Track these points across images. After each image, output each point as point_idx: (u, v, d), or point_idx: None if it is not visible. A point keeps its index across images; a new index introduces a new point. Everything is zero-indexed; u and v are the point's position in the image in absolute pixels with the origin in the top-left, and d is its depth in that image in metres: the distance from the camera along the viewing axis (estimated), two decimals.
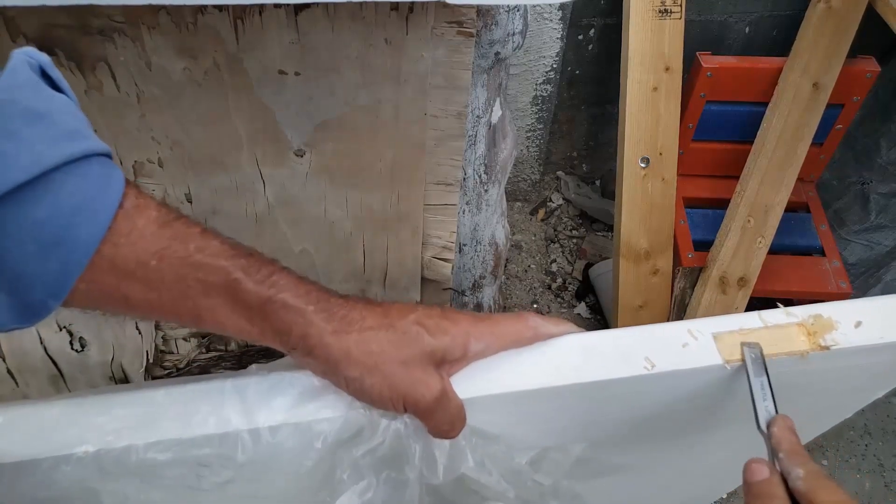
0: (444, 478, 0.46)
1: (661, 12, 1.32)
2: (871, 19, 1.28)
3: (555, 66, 1.56)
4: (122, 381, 0.86)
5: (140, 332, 0.83)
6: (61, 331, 0.80)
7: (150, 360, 0.86)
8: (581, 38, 1.54)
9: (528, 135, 1.72)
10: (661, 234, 1.36)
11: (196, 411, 0.44)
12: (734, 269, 1.31)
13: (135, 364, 0.86)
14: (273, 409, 0.45)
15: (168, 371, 0.89)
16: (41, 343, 0.80)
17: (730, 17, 1.51)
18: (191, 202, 0.72)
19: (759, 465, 0.42)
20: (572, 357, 0.48)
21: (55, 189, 0.35)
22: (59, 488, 0.43)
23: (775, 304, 0.53)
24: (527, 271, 1.73)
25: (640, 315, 1.39)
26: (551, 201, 1.85)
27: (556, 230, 1.80)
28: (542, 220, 1.83)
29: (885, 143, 1.45)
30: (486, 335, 0.46)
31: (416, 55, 0.63)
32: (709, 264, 1.33)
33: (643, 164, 1.35)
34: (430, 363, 0.44)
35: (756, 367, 0.47)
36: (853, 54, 1.31)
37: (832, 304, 0.51)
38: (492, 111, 0.78)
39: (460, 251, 0.89)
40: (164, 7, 0.56)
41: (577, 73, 1.61)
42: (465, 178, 0.80)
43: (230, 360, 0.91)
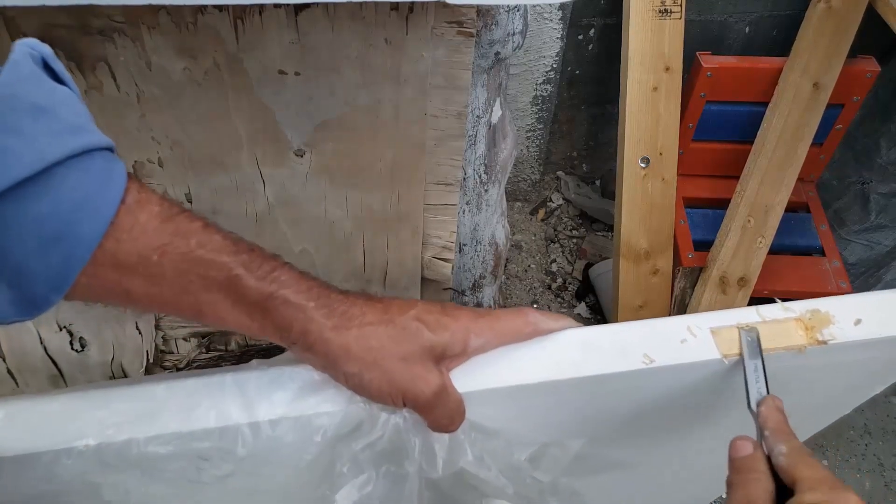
0: (443, 472, 0.46)
1: (661, 12, 1.32)
2: (871, 19, 1.28)
3: (555, 66, 1.56)
4: None
5: (140, 332, 0.83)
6: (61, 331, 0.80)
7: (150, 360, 0.86)
8: (581, 38, 1.54)
9: (528, 135, 1.72)
10: (661, 234, 1.36)
11: (197, 405, 0.44)
12: (734, 269, 1.31)
13: (135, 364, 0.86)
14: (273, 402, 0.45)
15: (168, 371, 0.89)
16: (41, 343, 0.80)
17: (730, 17, 1.51)
18: (191, 202, 0.73)
19: (743, 442, 0.43)
20: (571, 352, 0.48)
21: (57, 184, 0.35)
22: (60, 482, 0.43)
23: (774, 302, 0.53)
24: (527, 271, 1.73)
25: (640, 315, 1.39)
26: (551, 201, 1.85)
27: (556, 230, 1.80)
28: (542, 220, 1.83)
29: (885, 143, 1.45)
30: (486, 331, 0.46)
31: (416, 55, 0.63)
32: (709, 264, 1.33)
33: (643, 164, 1.35)
34: (429, 358, 0.44)
35: (751, 349, 0.47)
36: (853, 54, 1.31)
37: (830, 300, 0.51)
38: (492, 111, 0.78)
39: (460, 251, 0.89)
40: (164, 7, 0.56)
41: (577, 73, 1.61)
42: (465, 178, 0.80)
43: (230, 360, 0.91)
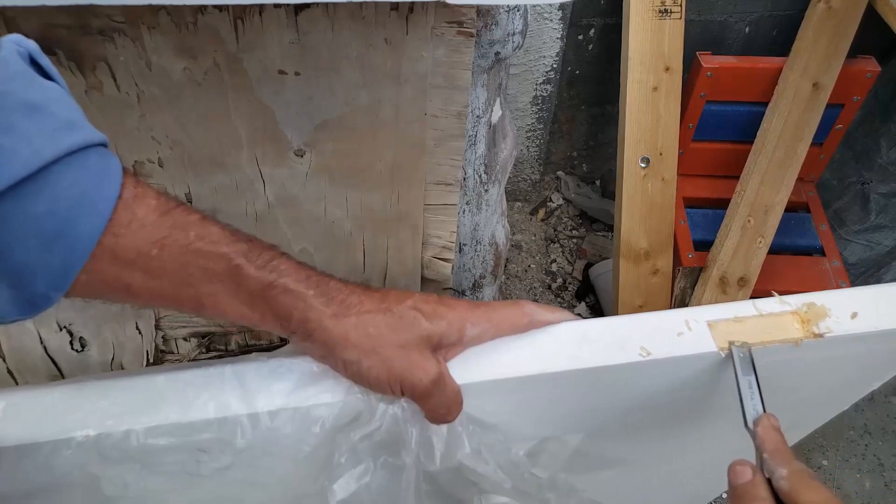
0: (440, 464, 0.46)
1: (661, 12, 1.32)
2: (871, 19, 1.28)
3: (555, 66, 1.56)
4: None
5: (140, 332, 0.83)
6: (61, 331, 0.80)
7: (150, 360, 0.86)
8: (581, 38, 1.54)
9: (528, 135, 1.72)
10: (661, 234, 1.36)
11: (196, 396, 0.44)
12: (734, 269, 1.31)
13: (135, 364, 0.86)
14: (272, 393, 0.45)
15: None
16: (41, 343, 0.80)
17: (730, 17, 1.51)
18: (191, 202, 0.73)
19: (742, 467, 0.42)
20: (568, 344, 0.48)
21: (54, 182, 0.35)
22: (59, 473, 0.43)
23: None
24: (527, 271, 1.73)
25: None
26: (551, 201, 1.85)
27: (556, 230, 1.80)
28: (542, 220, 1.83)
29: (885, 143, 1.45)
30: (483, 321, 0.46)
31: (416, 55, 0.63)
32: (709, 264, 1.33)
33: (643, 164, 1.35)
34: (426, 347, 0.44)
35: (744, 366, 0.47)
36: (853, 54, 1.31)
37: (826, 293, 0.51)
38: (492, 111, 0.78)
39: (460, 251, 0.88)
40: (164, 7, 0.56)
41: (577, 73, 1.61)
42: (465, 178, 0.80)
43: None
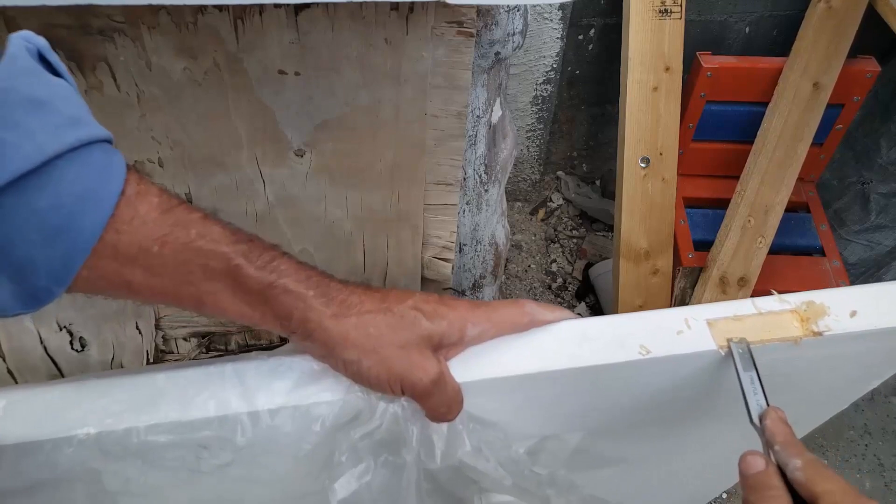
0: (441, 462, 0.47)
1: (661, 12, 1.32)
2: (871, 19, 1.28)
3: (555, 66, 1.56)
4: None
5: (140, 332, 0.83)
6: (61, 330, 0.80)
7: (150, 360, 0.86)
8: (581, 38, 1.54)
9: (528, 135, 1.72)
10: (661, 234, 1.36)
11: (196, 394, 0.44)
12: (734, 269, 1.31)
13: (135, 364, 0.86)
14: (272, 392, 0.45)
15: None
16: (41, 343, 0.80)
17: (730, 17, 1.51)
18: (191, 202, 0.72)
19: (754, 458, 0.42)
20: (568, 342, 0.48)
21: (57, 177, 0.35)
22: (61, 470, 0.43)
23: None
24: (527, 271, 1.73)
25: None
26: (551, 201, 1.85)
27: (556, 230, 1.81)
28: (542, 220, 1.83)
29: (885, 143, 1.45)
30: (483, 320, 0.47)
31: (416, 55, 0.63)
32: (709, 264, 1.33)
33: (643, 164, 1.35)
34: (427, 346, 0.44)
35: (744, 361, 0.47)
36: (853, 54, 1.31)
37: (825, 291, 0.51)
38: (492, 111, 0.78)
39: (460, 251, 0.88)
40: (164, 7, 0.56)
41: (577, 73, 1.61)
42: (465, 178, 0.80)
43: None
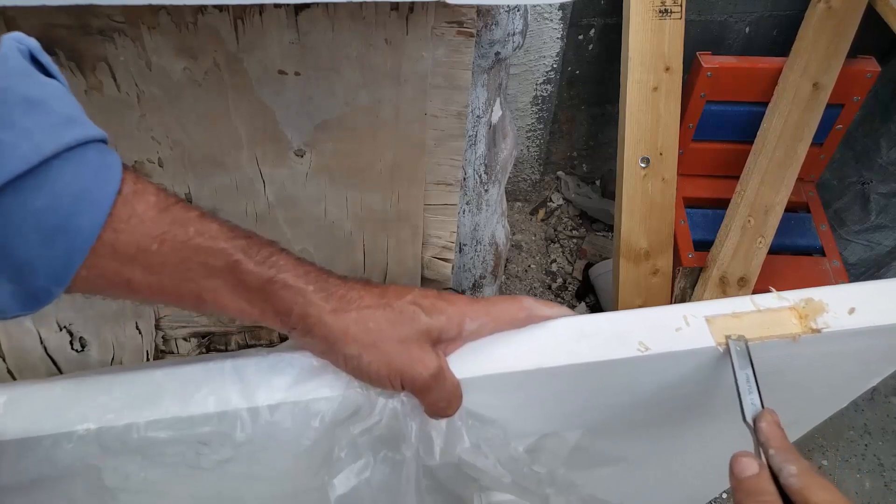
0: (440, 458, 0.47)
1: (661, 12, 1.32)
2: (871, 19, 1.28)
3: (555, 66, 1.56)
4: None
5: (140, 332, 0.83)
6: (61, 330, 0.80)
7: (151, 360, 0.86)
8: (581, 38, 1.54)
9: (528, 135, 1.72)
10: (661, 234, 1.36)
11: (196, 390, 0.44)
12: (734, 269, 1.31)
13: (135, 364, 0.86)
14: (272, 388, 0.45)
15: None
16: (41, 342, 0.80)
17: (730, 17, 1.51)
18: (191, 202, 0.72)
19: (748, 460, 0.41)
20: (567, 339, 0.48)
21: (54, 177, 0.35)
22: (61, 466, 0.43)
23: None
24: (527, 271, 1.73)
25: None
26: (551, 201, 1.85)
27: (556, 230, 1.80)
28: (542, 220, 1.83)
29: (885, 143, 1.45)
30: (482, 315, 0.47)
31: (416, 55, 0.63)
32: (709, 264, 1.33)
33: (643, 164, 1.35)
34: (426, 341, 0.44)
35: (741, 359, 0.47)
36: (853, 54, 1.31)
37: (824, 289, 0.51)
38: (492, 111, 0.78)
39: (460, 251, 0.88)
40: (164, 7, 0.56)
41: (577, 73, 1.61)
42: (465, 178, 0.80)
43: None
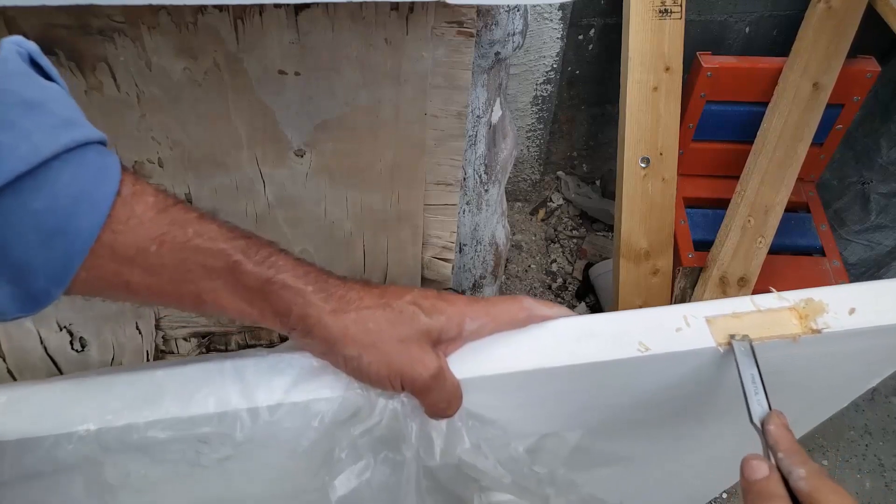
0: (440, 459, 0.47)
1: (661, 12, 1.32)
2: (871, 19, 1.28)
3: (555, 66, 1.56)
4: None
5: (140, 332, 0.83)
6: (61, 331, 0.80)
7: (150, 360, 0.86)
8: (581, 38, 1.54)
9: (528, 135, 1.72)
10: (661, 234, 1.36)
11: (196, 391, 0.44)
12: (734, 269, 1.31)
13: (135, 364, 0.86)
14: (272, 388, 0.45)
15: None
16: (41, 343, 0.80)
17: (730, 17, 1.51)
18: (191, 202, 0.73)
19: (758, 463, 0.41)
20: (567, 339, 0.48)
21: (53, 178, 0.35)
22: (61, 464, 0.43)
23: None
24: (527, 271, 1.73)
25: None
26: (551, 201, 1.85)
27: (556, 230, 1.80)
28: (542, 220, 1.83)
29: (885, 143, 1.45)
30: (482, 315, 0.47)
31: (416, 55, 0.63)
32: (709, 264, 1.33)
33: (643, 164, 1.35)
34: (426, 341, 0.44)
35: (746, 360, 0.47)
36: (853, 54, 1.31)
37: (824, 289, 0.51)
38: (492, 111, 0.78)
39: (460, 251, 0.88)
40: (164, 7, 0.56)
41: (577, 73, 1.61)
42: (465, 178, 0.80)
43: None
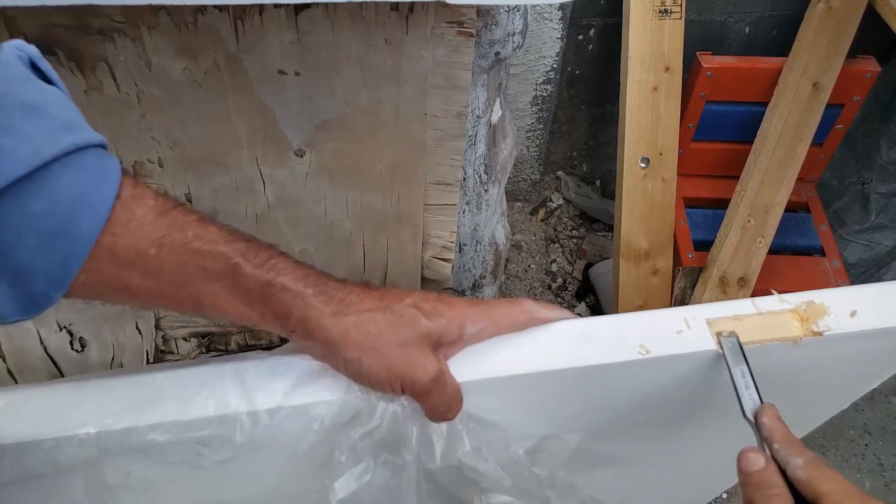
0: (441, 462, 0.46)
1: (661, 12, 1.32)
2: (871, 19, 1.28)
3: (555, 66, 1.56)
4: None
5: (140, 332, 0.83)
6: (61, 331, 0.80)
7: (150, 361, 0.86)
8: (581, 38, 1.54)
9: (528, 135, 1.72)
10: (661, 234, 1.36)
11: (196, 394, 0.44)
12: (734, 269, 1.31)
13: (135, 364, 0.86)
14: (272, 391, 0.45)
15: None
16: (41, 343, 0.80)
17: (730, 17, 1.51)
18: (191, 202, 0.72)
19: (755, 455, 0.42)
20: (568, 342, 0.48)
21: (53, 181, 0.35)
22: (62, 466, 0.43)
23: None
24: (527, 271, 1.73)
25: None
26: (551, 201, 1.85)
27: (556, 230, 1.80)
28: (542, 220, 1.83)
29: (885, 143, 1.45)
30: (482, 318, 0.46)
31: (416, 55, 0.63)
32: (709, 264, 1.33)
33: (643, 164, 1.35)
34: (426, 344, 0.44)
35: (734, 356, 0.47)
36: (853, 54, 1.31)
37: (825, 291, 0.51)
38: (492, 111, 0.78)
39: (460, 251, 0.88)
40: (164, 7, 0.56)
41: (577, 73, 1.61)
42: (465, 178, 0.80)
43: None
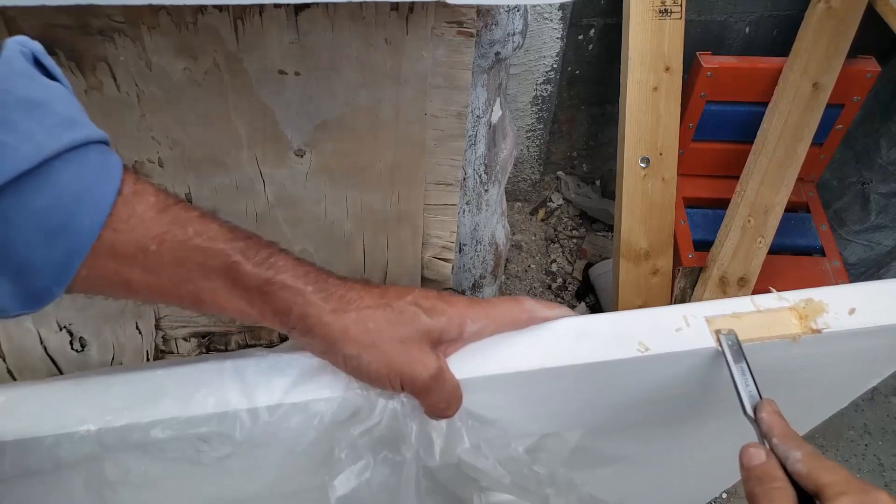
0: (440, 459, 0.47)
1: (661, 12, 1.32)
2: (871, 19, 1.28)
3: (555, 66, 1.56)
4: None
5: (140, 332, 0.83)
6: (61, 330, 0.80)
7: (151, 360, 0.86)
8: (581, 38, 1.54)
9: (528, 135, 1.72)
10: (661, 234, 1.36)
11: (196, 391, 0.44)
12: (734, 269, 1.31)
13: (135, 364, 0.86)
14: (271, 389, 0.45)
15: None
16: (41, 343, 0.80)
17: (730, 17, 1.51)
18: (191, 202, 0.72)
19: (756, 450, 0.42)
20: (567, 339, 0.48)
21: (55, 177, 0.35)
22: (63, 462, 0.43)
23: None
24: (527, 271, 1.73)
25: None
26: (551, 201, 1.85)
27: (556, 230, 1.81)
28: (542, 220, 1.83)
29: (885, 143, 1.45)
30: (482, 317, 0.47)
31: (416, 55, 0.63)
32: (709, 264, 1.33)
33: (643, 164, 1.35)
34: (426, 342, 0.44)
35: (734, 353, 0.47)
36: (853, 54, 1.31)
37: (824, 289, 0.51)
38: (492, 111, 0.78)
39: (460, 251, 0.88)
40: (164, 7, 0.56)
41: (577, 73, 1.61)
42: (465, 178, 0.80)
43: None
